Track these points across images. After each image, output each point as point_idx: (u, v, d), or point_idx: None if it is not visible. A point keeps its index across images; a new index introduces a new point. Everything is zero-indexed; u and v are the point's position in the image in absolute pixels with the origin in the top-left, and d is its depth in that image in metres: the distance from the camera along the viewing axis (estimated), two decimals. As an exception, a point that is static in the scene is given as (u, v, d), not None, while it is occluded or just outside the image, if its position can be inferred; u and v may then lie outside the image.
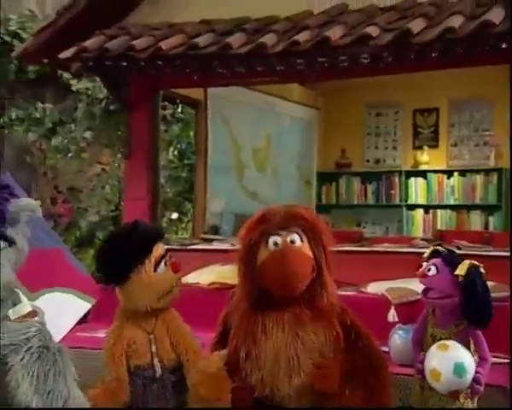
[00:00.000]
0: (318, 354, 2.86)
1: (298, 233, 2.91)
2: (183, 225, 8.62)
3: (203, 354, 3.07)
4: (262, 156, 7.69)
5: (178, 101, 7.27)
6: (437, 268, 2.94)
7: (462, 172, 8.45)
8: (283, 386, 2.84)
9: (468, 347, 2.87)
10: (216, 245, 5.84)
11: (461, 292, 2.86)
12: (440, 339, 2.92)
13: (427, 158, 8.63)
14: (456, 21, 4.65)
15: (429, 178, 8.63)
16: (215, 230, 6.86)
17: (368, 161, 8.99)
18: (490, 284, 3.01)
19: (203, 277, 5.09)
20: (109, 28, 5.61)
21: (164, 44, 5.13)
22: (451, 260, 2.94)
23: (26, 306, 2.60)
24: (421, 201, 8.67)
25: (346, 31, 4.95)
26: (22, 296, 2.88)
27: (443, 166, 8.62)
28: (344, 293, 4.81)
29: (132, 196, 6.00)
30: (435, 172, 8.60)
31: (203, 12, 5.67)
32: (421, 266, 3.04)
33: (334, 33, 4.88)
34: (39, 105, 8.13)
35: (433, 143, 8.69)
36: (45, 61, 6.04)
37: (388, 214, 8.80)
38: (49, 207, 8.28)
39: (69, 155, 7.48)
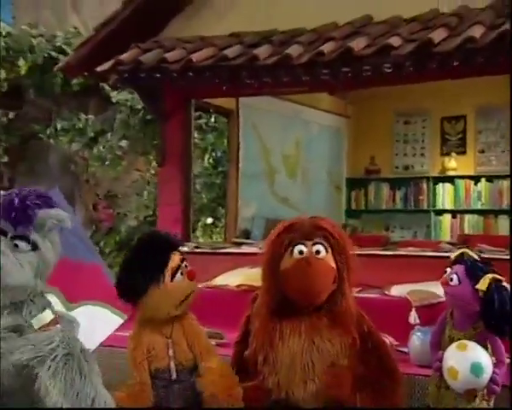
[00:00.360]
0: (333, 361, 2.83)
1: (322, 244, 2.89)
2: (218, 230, 8.63)
3: (215, 355, 3.06)
4: (292, 163, 7.65)
5: (211, 110, 7.26)
6: (459, 279, 2.88)
7: (489, 178, 8.31)
8: (298, 391, 2.83)
9: (485, 349, 2.82)
10: (245, 249, 5.81)
11: (480, 304, 2.80)
12: (458, 340, 2.87)
13: (454, 164, 8.51)
14: (477, 31, 4.57)
15: (457, 183, 8.50)
16: (246, 234, 6.83)
17: (397, 167, 8.88)
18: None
19: (231, 279, 5.07)
20: (144, 42, 5.64)
21: (195, 57, 5.13)
22: (474, 272, 2.86)
23: (48, 314, 2.58)
24: (449, 206, 8.54)
25: (370, 41, 4.90)
26: (53, 304, 2.89)
27: (470, 172, 8.48)
28: (368, 295, 4.79)
29: (166, 202, 6.02)
30: (462, 177, 8.47)
31: (233, 25, 5.68)
32: (446, 271, 2.99)
33: (358, 44, 4.83)
34: (82, 116, 8.22)
35: (461, 149, 8.55)
36: (85, 73, 6.09)
37: (417, 219, 8.68)
38: (91, 213, 8.36)
39: (106, 163, 7.53)
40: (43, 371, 2.44)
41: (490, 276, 2.80)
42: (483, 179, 8.35)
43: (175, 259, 2.99)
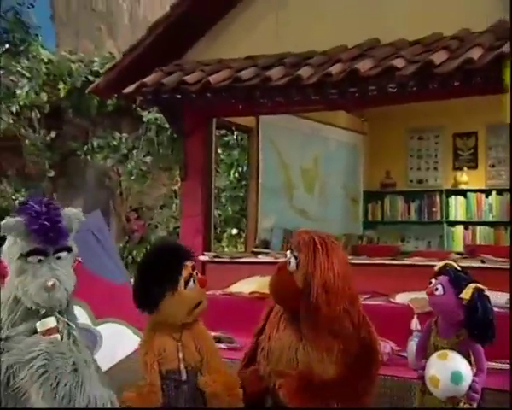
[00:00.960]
0: (316, 361, 2.81)
1: (295, 256, 2.89)
2: (242, 240, 8.65)
3: (219, 357, 3.07)
4: (310, 177, 7.64)
5: (233, 128, 7.30)
6: (443, 288, 2.85)
7: (500, 191, 8.20)
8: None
9: (467, 357, 2.80)
10: (261, 258, 5.81)
11: (464, 313, 2.79)
12: (442, 348, 2.85)
13: (466, 178, 8.43)
14: (476, 53, 4.53)
15: (468, 196, 8.42)
16: (266, 244, 6.83)
17: (411, 181, 8.82)
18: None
19: (245, 286, 5.09)
20: (167, 66, 5.70)
21: (212, 79, 5.18)
22: (458, 282, 2.84)
23: (51, 320, 2.63)
24: (461, 218, 8.44)
25: (375, 63, 4.89)
26: (78, 316, 2.94)
27: (481, 186, 8.40)
28: (373, 302, 4.76)
29: (188, 214, 6.06)
30: (474, 191, 8.40)
31: (250, 49, 5.71)
32: (431, 282, 2.95)
33: (364, 65, 4.82)
34: (116, 134, 8.34)
35: (472, 164, 8.47)
36: (115, 95, 6.18)
37: (430, 230, 8.59)
38: (124, 224, 8.46)
39: (132, 177, 7.61)
40: (19, 378, 2.49)
41: (473, 285, 2.78)
42: (494, 192, 8.26)
43: (187, 267, 3.01)
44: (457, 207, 8.45)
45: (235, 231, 8.55)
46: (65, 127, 8.88)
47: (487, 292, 2.84)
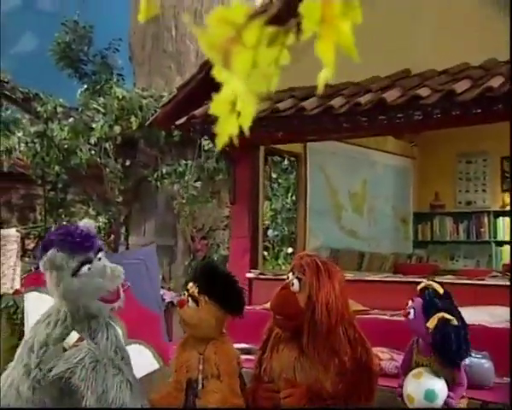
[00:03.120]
0: (314, 378, 2.86)
1: (298, 278, 2.95)
2: (296, 259, 8.69)
3: (233, 377, 3.15)
4: (358, 199, 7.64)
5: (284, 154, 7.41)
6: (415, 313, 2.88)
7: (546, 212, 7.90)
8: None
9: (448, 372, 2.80)
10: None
11: (431, 339, 2.81)
12: (423, 365, 2.86)
13: (514, 200, 8.16)
14: (496, 81, 4.50)
15: (516, 217, 8.14)
16: (313, 262, 6.87)
17: (460, 202, 8.64)
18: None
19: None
20: (216, 99, 5.88)
21: (253, 110, 5.31)
22: (428, 309, 2.85)
23: (74, 335, 2.80)
24: (509, 237, 8.16)
25: (402, 92, 4.90)
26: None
27: (529, 207, 8.10)
28: (391, 318, 4.73)
29: (237, 235, 6.20)
30: (522, 212, 8.11)
31: (292, 80, 5.80)
32: (407, 303, 2.99)
33: (391, 95, 4.86)
34: (182, 162, 8.61)
35: (520, 186, 8.20)
36: (172, 126, 6.42)
37: (479, 250, 8.38)
38: (189, 244, 8.70)
39: (183, 200, 7.84)
40: (74, 378, 2.68)
41: (439, 315, 2.78)
42: (541, 213, 7.95)
43: (190, 286, 3.16)
44: (505, 228, 8.21)
45: (290, 250, 8.61)
46: (138, 156, 9.25)
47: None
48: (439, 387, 2.75)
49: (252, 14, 0.96)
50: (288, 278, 3.00)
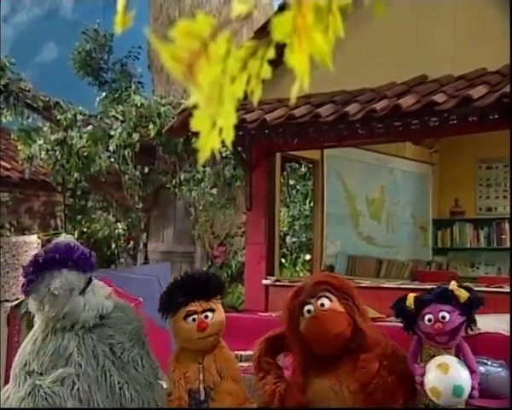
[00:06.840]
0: (351, 403, 2.87)
1: (326, 296, 2.94)
2: (314, 265, 8.67)
3: (239, 382, 3.17)
4: (377, 206, 7.60)
5: (300, 161, 7.40)
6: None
7: None
8: None
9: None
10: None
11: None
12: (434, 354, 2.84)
13: (536, 206, 8.05)
14: (513, 87, 4.43)
15: (538, 224, 8.03)
16: (331, 269, 6.85)
17: (480, 209, 8.55)
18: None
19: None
20: (232, 106, 5.90)
21: (268, 116, 5.34)
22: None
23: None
24: (530, 245, 8.07)
25: (418, 98, 4.87)
26: None
27: (551, 214, 7.98)
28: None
29: (253, 241, 6.20)
30: (543, 218, 7.99)
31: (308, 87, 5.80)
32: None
33: (407, 101, 4.83)
34: (200, 169, 8.63)
35: (542, 192, 8.08)
36: (187, 134, 6.46)
37: (500, 256, 8.23)
38: (207, 250, 8.72)
39: (200, 207, 7.84)
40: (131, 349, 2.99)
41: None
42: None
43: (197, 305, 3.16)
44: (527, 234, 8.10)
45: (308, 257, 8.58)
46: (156, 163, 9.30)
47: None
48: (467, 381, 2.71)
49: (217, 27, 0.97)
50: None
